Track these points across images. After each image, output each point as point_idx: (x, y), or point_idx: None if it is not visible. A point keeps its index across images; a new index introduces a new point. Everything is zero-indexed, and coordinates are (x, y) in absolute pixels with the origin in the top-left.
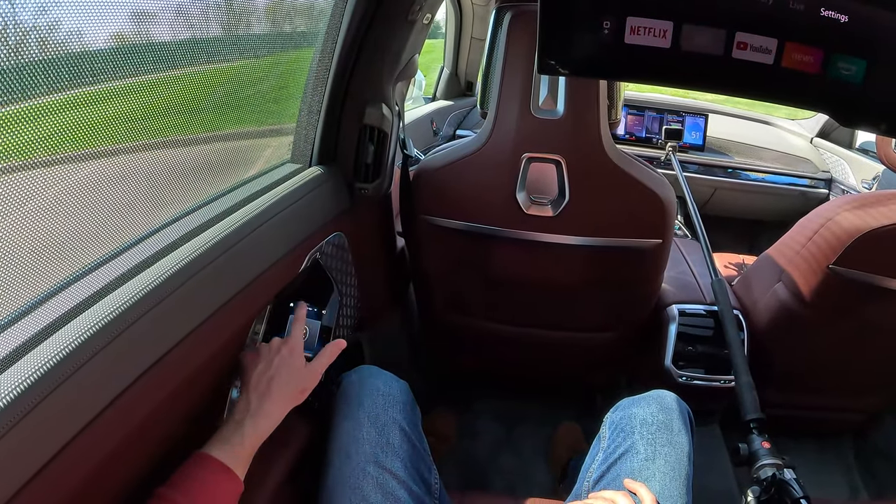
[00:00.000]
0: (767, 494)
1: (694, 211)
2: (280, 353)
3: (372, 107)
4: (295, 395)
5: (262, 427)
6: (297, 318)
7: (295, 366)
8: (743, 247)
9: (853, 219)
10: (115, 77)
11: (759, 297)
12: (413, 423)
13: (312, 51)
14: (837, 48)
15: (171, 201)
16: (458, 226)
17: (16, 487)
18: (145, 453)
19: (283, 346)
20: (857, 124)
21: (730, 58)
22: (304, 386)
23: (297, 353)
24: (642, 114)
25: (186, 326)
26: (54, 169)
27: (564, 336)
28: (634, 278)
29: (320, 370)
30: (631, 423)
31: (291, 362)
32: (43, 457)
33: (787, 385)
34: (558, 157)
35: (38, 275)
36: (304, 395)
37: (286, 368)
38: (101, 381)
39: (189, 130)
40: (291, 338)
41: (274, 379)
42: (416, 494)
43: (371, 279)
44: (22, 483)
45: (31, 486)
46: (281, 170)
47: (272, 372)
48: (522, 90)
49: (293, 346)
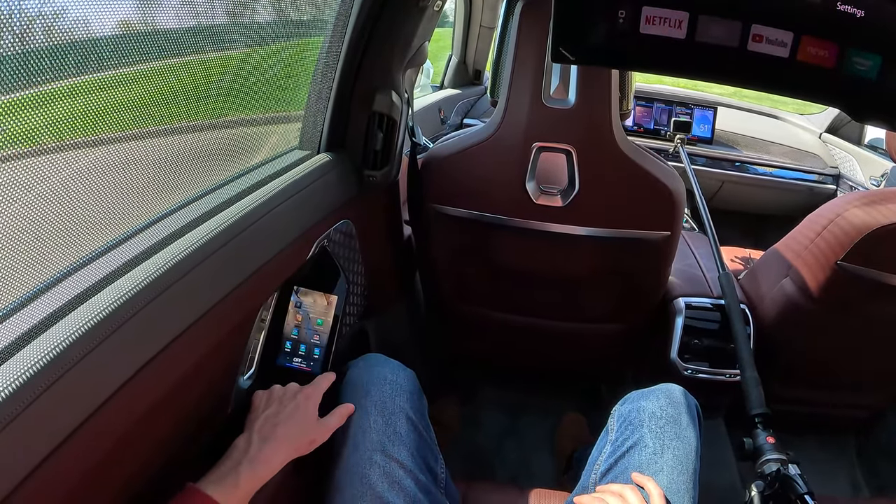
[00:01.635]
0: (771, 489)
1: (702, 204)
2: (296, 399)
3: (381, 94)
4: (302, 445)
5: (261, 473)
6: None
7: (308, 415)
8: (749, 241)
9: (862, 215)
10: (123, 64)
11: (766, 291)
12: (420, 411)
13: (322, 37)
14: (853, 43)
15: (179, 188)
16: (467, 214)
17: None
18: (152, 441)
19: (300, 392)
20: (870, 120)
21: (745, 50)
22: (313, 438)
23: (313, 403)
24: (651, 105)
25: (193, 314)
26: (61, 155)
27: (571, 327)
28: (642, 270)
29: (333, 427)
30: (639, 417)
31: (305, 411)
32: (50, 444)
33: (792, 379)
34: (569, 147)
35: (45, 261)
36: (311, 447)
37: (298, 416)
38: (109, 368)
39: (197, 117)
40: (312, 386)
41: (280, 425)
42: (423, 484)
43: (378, 267)
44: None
45: (36, 474)
46: (289, 156)
47: (281, 417)
48: (534, 79)
49: (311, 394)
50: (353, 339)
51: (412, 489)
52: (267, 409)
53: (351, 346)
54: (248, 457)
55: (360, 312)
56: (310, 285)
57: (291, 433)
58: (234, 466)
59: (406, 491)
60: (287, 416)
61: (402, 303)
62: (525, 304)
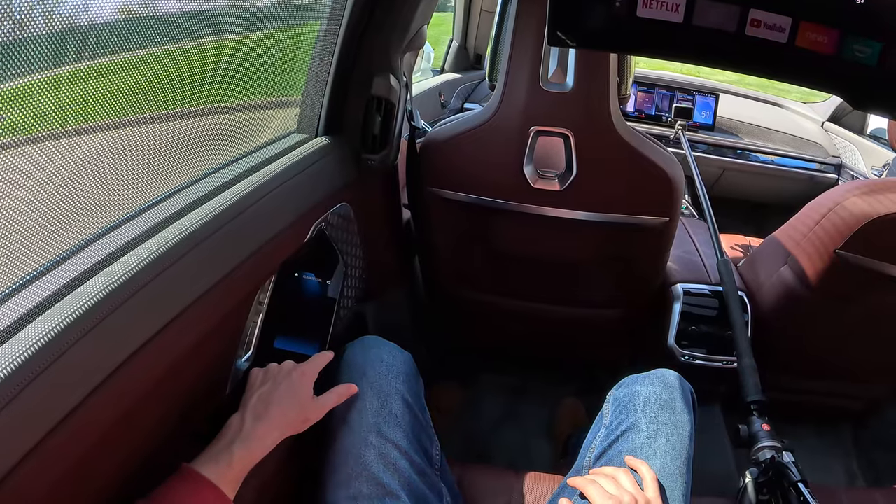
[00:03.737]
0: (766, 476)
1: (702, 191)
2: (290, 376)
3: (380, 77)
4: (296, 423)
5: (255, 451)
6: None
7: (302, 393)
8: (750, 229)
9: (862, 204)
10: (121, 50)
11: (764, 279)
12: (416, 394)
13: (320, 20)
14: (853, 29)
15: (176, 172)
16: (465, 198)
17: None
18: (149, 423)
19: (294, 370)
20: (869, 107)
21: (743, 35)
22: (307, 416)
23: (308, 380)
24: (652, 91)
25: (191, 295)
26: (62, 142)
27: (569, 312)
28: (640, 256)
29: (328, 406)
30: (634, 401)
31: (299, 388)
32: (47, 426)
33: (789, 368)
34: (566, 131)
35: (43, 245)
36: (305, 426)
37: (292, 394)
38: (105, 350)
39: (195, 102)
40: (308, 363)
41: (273, 404)
42: (418, 465)
43: (376, 250)
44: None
45: (33, 455)
46: (287, 140)
47: (275, 395)
48: (532, 63)
49: (306, 371)
50: (350, 323)
51: (407, 470)
52: (262, 387)
53: (349, 330)
54: (242, 435)
55: (358, 296)
56: (308, 268)
57: (285, 411)
58: (228, 445)
59: (401, 472)
60: (281, 394)
61: (401, 287)
62: (523, 288)
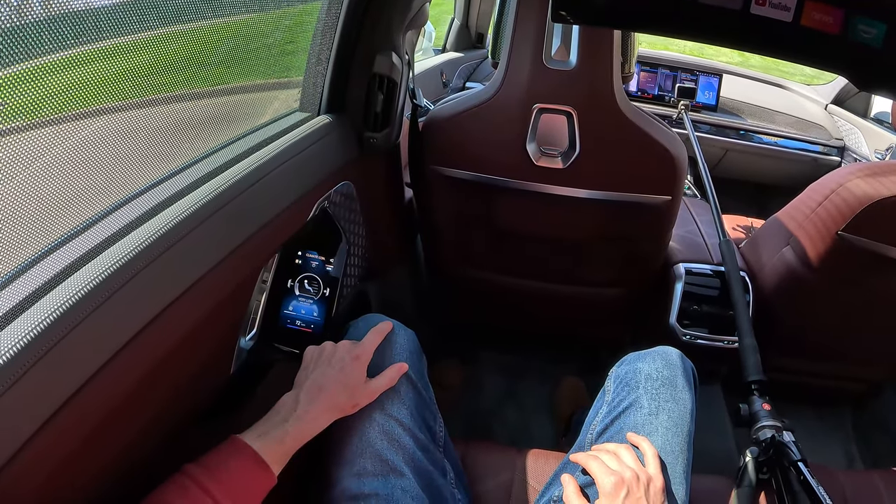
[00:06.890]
0: (766, 455)
1: (704, 171)
2: (343, 361)
3: (382, 55)
4: (347, 407)
5: (306, 431)
6: (376, 329)
7: (354, 379)
8: (752, 210)
9: (865, 186)
10: (121, 33)
11: (766, 260)
12: (419, 371)
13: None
14: (859, 9)
15: (179, 152)
16: (467, 176)
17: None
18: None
19: (348, 353)
20: (874, 89)
21: (747, 13)
22: (357, 402)
23: (361, 365)
24: (655, 71)
25: (194, 274)
26: (66, 126)
27: (571, 290)
28: (642, 234)
29: (379, 391)
30: (636, 378)
31: (352, 374)
32: (52, 406)
33: (789, 349)
34: (569, 109)
35: (45, 225)
36: (354, 409)
37: (343, 380)
38: (109, 330)
39: (199, 84)
40: (363, 347)
41: (325, 389)
42: (422, 442)
43: (379, 229)
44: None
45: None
46: (289, 118)
47: (328, 381)
48: (535, 40)
49: (360, 355)
50: (353, 301)
51: (411, 446)
52: (316, 369)
53: (352, 308)
54: (296, 415)
55: (361, 274)
56: (311, 246)
57: (337, 395)
58: (281, 423)
59: (405, 448)
60: (333, 379)
61: (403, 265)
62: (525, 267)
